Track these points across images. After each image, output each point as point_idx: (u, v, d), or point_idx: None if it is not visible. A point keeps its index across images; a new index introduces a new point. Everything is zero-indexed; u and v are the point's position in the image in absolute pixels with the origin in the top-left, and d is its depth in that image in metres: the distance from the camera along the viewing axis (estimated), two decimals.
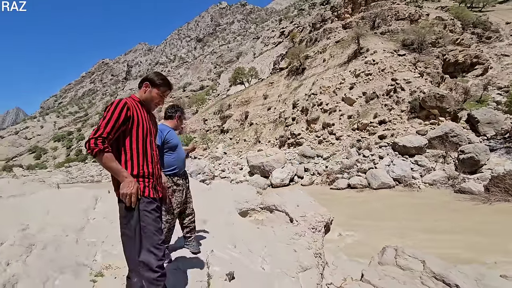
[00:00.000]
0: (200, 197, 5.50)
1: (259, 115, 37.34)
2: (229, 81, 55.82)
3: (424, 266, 3.60)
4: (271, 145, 31.93)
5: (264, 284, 2.56)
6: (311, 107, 29.48)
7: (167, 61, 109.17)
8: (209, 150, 39.49)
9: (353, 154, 21.24)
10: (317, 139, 26.85)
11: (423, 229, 8.01)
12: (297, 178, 21.75)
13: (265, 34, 76.23)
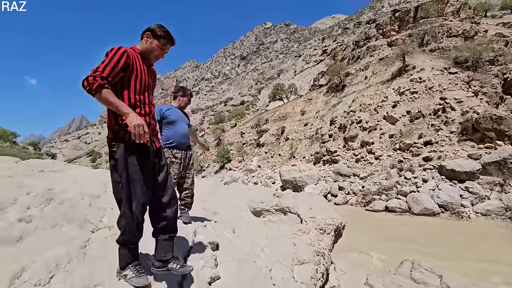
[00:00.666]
0: (217, 195, 5.72)
1: (296, 131, 37.24)
2: (269, 97, 56.96)
3: (440, 281, 3.29)
4: (306, 161, 31.44)
5: (249, 258, 2.61)
6: (349, 124, 28.61)
7: (211, 77, 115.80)
8: (244, 162, 40.16)
9: (393, 175, 19.91)
10: (354, 158, 25.78)
11: (472, 259, 7.14)
12: (331, 196, 20.96)
13: (307, 52, 76.94)
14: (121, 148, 1.65)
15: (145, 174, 1.71)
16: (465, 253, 7.55)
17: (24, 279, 1.45)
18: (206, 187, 6.82)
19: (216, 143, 49.28)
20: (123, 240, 1.74)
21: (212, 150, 47.66)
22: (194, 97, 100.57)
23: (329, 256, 4.12)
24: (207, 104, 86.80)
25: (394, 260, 6.88)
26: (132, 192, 1.67)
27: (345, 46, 54.24)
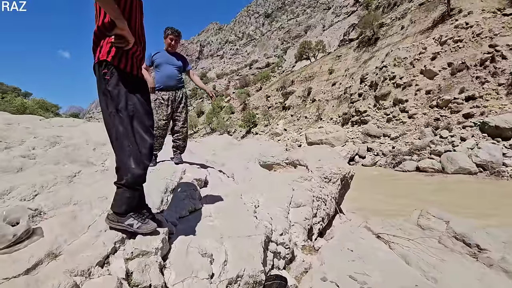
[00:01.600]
0: (229, 150, 5.80)
1: (323, 91, 35.65)
2: (295, 57, 54.21)
3: (446, 227, 3.13)
4: (333, 122, 30.45)
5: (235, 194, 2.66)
6: (381, 81, 26.59)
7: (235, 39, 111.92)
8: (269, 126, 40.04)
9: (427, 135, 18.65)
10: (385, 117, 24.36)
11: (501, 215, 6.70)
12: (358, 158, 20.48)
13: (337, 4, 70.06)
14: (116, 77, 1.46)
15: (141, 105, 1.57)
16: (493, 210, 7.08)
17: (12, 195, 1.64)
18: (220, 143, 6.96)
19: (242, 108, 49.22)
20: (133, 181, 1.49)
21: (238, 115, 47.90)
22: (218, 61, 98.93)
23: (333, 203, 4.10)
24: (231, 68, 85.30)
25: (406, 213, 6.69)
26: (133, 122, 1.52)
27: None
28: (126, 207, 1.49)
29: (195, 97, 74.15)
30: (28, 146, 2.55)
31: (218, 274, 1.43)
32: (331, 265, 2.38)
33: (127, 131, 1.48)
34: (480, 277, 2.35)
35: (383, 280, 2.20)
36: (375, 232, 3.14)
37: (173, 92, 3.01)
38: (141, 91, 1.61)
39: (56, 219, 1.41)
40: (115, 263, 1.16)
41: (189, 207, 2.16)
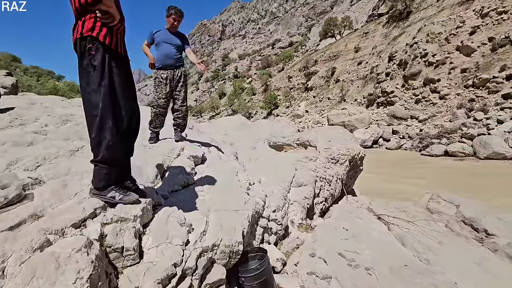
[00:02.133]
0: (241, 130, 5.82)
1: (347, 71, 34.07)
2: (319, 35, 51.78)
3: (456, 211, 2.98)
4: (357, 104, 29.25)
5: (231, 172, 2.70)
6: (411, 59, 24.82)
7: (258, 18, 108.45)
8: (291, 108, 39.39)
9: (460, 117, 17.39)
10: (414, 98, 22.94)
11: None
12: (382, 141, 19.73)
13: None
14: (100, 52, 1.43)
15: (125, 82, 1.58)
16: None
17: (17, 166, 1.82)
18: (233, 124, 7.01)
19: (263, 89, 48.62)
20: (108, 156, 1.50)
21: (259, 97, 47.47)
22: (240, 42, 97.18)
23: (338, 184, 4.05)
24: (254, 48, 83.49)
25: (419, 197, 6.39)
26: (114, 99, 1.50)
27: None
28: (104, 183, 1.53)
29: (217, 79, 74.26)
30: (41, 123, 2.76)
31: (194, 242, 1.52)
32: (323, 242, 2.40)
33: (108, 108, 1.46)
34: (479, 261, 2.25)
35: (373, 259, 2.18)
36: (376, 213, 3.08)
37: (171, 71, 3.05)
38: (124, 70, 1.60)
39: (48, 186, 1.55)
40: (91, 226, 1.27)
41: (182, 182, 2.25)
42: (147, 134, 3.13)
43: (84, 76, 1.46)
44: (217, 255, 1.58)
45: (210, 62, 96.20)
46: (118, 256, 1.27)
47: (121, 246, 1.27)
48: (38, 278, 0.92)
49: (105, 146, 1.48)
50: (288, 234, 2.62)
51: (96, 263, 1.06)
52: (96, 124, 1.47)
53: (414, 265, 2.10)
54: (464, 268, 2.13)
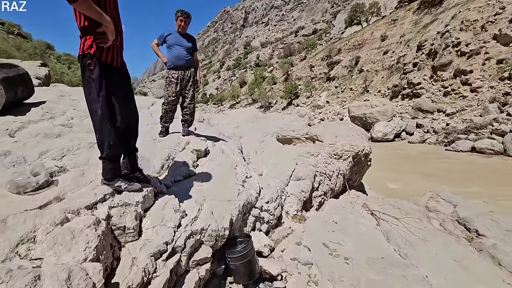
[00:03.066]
0: (252, 123, 6.04)
1: (372, 61, 32.76)
2: (345, 22, 49.77)
3: (453, 210, 3.05)
4: (381, 95, 28.23)
5: (230, 165, 2.95)
6: (442, 49, 23.39)
7: (281, 4, 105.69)
8: (312, 98, 38.76)
9: (491, 111, 16.39)
10: (443, 90, 21.78)
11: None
12: (405, 135, 19.08)
13: None
14: (97, 67, 1.66)
15: (120, 92, 1.81)
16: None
17: (46, 156, 2.19)
18: (245, 116, 7.25)
19: (284, 78, 48.03)
20: (111, 154, 1.78)
21: (280, 86, 47.00)
22: (263, 29, 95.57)
23: (339, 179, 4.19)
24: (276, 36, 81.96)
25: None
26: (110, 107, 1.74)
27: None
28: (111, 175, 1.83)
29: (239, 67, 74.19)
30: (68, 117, 3.17)
31: (185, 226, 1.80)
32: (310, 233, 2.62)
33: (106, 114, 1.71)
34: (460, 259, 2.37)
35: (354, 250, 2.37)
36: (370, 209, 3.22)
37: (182, 72, 3.30)
38: (120, 80, 1.84)
39: (70, 174, 1.89)
40: (100, 209, 1.59)
41: (184, 173, 2.55)
42: (158, 129, 3.46)
43: (86, 87, 1.72)
44: (205, 237, 1.86)
45: (232, 50, 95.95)
46: (121, 233, 1.58)
47: (124, 226, 1.58)
48: (58, 245, 1.24)
49: (107, 146, 1.75)
50: (281, 223, 2.86)
51: (101, 237, 1.37)
52: (97, 128, 1.75)
53: (390, 258, 2.27)
54: (440, 264, 2.27)
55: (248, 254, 1.97)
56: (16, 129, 2.60)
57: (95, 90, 1.67)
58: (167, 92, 3.37)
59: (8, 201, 1.46)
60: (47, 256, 1.18)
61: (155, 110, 4.34)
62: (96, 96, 1.68)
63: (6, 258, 1.10)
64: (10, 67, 3.34)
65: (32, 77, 3.72)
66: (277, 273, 2.06)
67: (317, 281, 2.09)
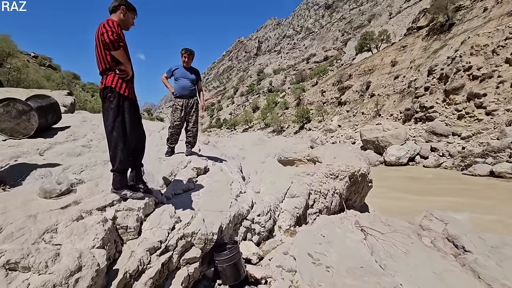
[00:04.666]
0: (257, 145, 6.38)
1: (383, 85, 33.10)
2: (355, 49, 51.14)
3: (443, 229, 3.15)
4: (393, 119, 28.17)
5: (226, 181, 3.23)
6: (453, 73, 23.48)
7: (293, 34, 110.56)
8: (323, 122, 39.09)
9: (509, 134, 16.02)
10: (456, 114, 21.58)
11: None
12: (419, 158, 18.76)
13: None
14: (116, 98, 2.07)
15: (133, 118, 2.21)
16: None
17: (68, 170, 2.60)
18: (251, 139, 7.64)
19: (296, 103, 48.98)
20: (121, 168, 2.17)
21: (292, 111, 47.86)
22: (276, 57, 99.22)
23: (335, 197, 4.37)
24: (288, 63, 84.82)
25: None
26: (125, 130, 2.15)
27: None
28: (119, 185, 2.21)
29: (252, 93, 76.49)
30: (88, 139, 3.66)
31: (178, 229, 2.10)
32: (298, 244, 2.82)
33: (119, 136, 2.12)
34: (439, 272, 2.48)
35: (336, 260, 2.55)
36: (360, 225, 3.37)
37: (186, 100, 3.78)
38: (132, 109, 2.26)
39: (86, 185, 2.29)
40: (108, 211, 1.93)
41: (184, 187, 2.89)
42: (164, 150, 3.88)
43: (105, 114, 2.16)
44: (195, 240, 2.15)
45: (245, 77, 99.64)
46: (123, 232, 1.91)
47: (126, 225, 1.91)
48: (74, 235, 1.59)
49: (118, 161, 2.15)
50: (272, 236, 3.08)
51: (107, 231, 1.71)
52: (112, 147, 2.16)
53: (369, 268, 2.43)
54: (417, 275, 2.40)
55: (234, 258, 2.22)
56: (45, 149, 3.08)
57: (112, 116, 2.10)
58: (173, 118, 3.82)
59: (37, 203, 1.84)
60: (65, 243, 1.53)
61: (164, 133, 4.80)
62: (112, 121, 2.10)
63: (35, 241, 1.45)
64: (43, 97, 3.96)
65: (59, 105, 4.32)
66: (261, 277, 2.28)
67: (298, 286, 2.28)
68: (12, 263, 1.25)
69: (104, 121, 2.16)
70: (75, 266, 1.34)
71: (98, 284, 1.43)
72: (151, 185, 2.72)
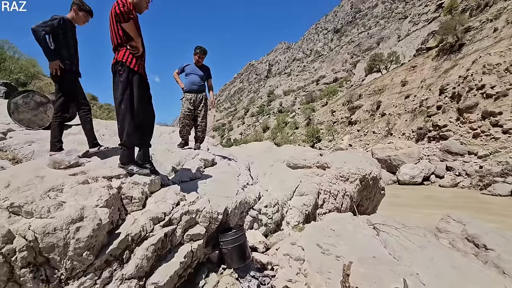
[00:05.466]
0: (267, 152, 6.35)
1: (394, 105, 32.94)
2: (365, 70, 51.74)
3: (462, 230, 2.95)
4: (405, 138, 27.70)
5: (233, 174, 3.17)
6: (466, 92, 23.23)
7: (303, 57, 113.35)
8: (334, 141, 38.81)
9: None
10: (472, 132, 21.06)
11: None
12: (435, 177, 18.16)
13: (415, 12, 64.52)
14: (126, 72, 2.15)
15: (142, 92, 2.27)
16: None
17: (79, 154, 2.65)
18: (260, 147, 7.62)
19: (306, 123, 49.12)
20: (128, 142, 2.19)
21: (302, 131, 47.89)
22: (286, 79, 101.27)
23: (346, 200, 4.21)
24: (298, 85, 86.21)
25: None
26: (133, 103, 2.19)
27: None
28: (126, 160, 2.22)
29: (262, 114, 77.44)
30: (100, 134, 3.76)
31: (183, 205, 2.06)
32: (306, 236, 2.70)
33: (127, 109, 2.17)
34: (458, 265, 2.29)
35: (347, 251, 2.41)
36: (371, 223, 3.22)
37: (195, 94, 3.88)
38: (141, 84, 2.30)
39: (94, 162, 2.32)
40: (114, 182, 1.93)
41: (191, 176, 2.87)
42: (174, 147, 3.92)
43: (115, 88, 2.23)
44: (200, 218, 2.09)
45: (256, 98, 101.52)
46: (128, 203, 1.89)
47: (131, 196, 1.89)
48: (78, 195, 1.58)
49: (125, 134, 2.18)
50: (280, 229, 2.96)
51: (112, 196, 1.70)
52: (120, 120, 2.21)
53: (382, 258, 2.28)
54: (435, 267, 2.23)
55: (239, 239, 2.13)
56: None
57: (121, 89, 2.17)
58: (183, 109, 3.92)
59: (46, 171, 1.86)
60: (69, 201, 1.52)
61: (174, 135, 4.88)
62: (121, 94, 2.17)
63: (41, 197, 1.45)
64: None
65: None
66: (267, 262, 2.17)
67: (307, 273, 2.16)
68: (16, 207, 1.25)
69: (113, 95, 2.23)
70: (77, 215, 1.32)
71: (99, 239, 1.39)
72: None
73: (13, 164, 2.26)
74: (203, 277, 2.01)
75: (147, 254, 1.59)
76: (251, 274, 2.11)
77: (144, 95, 2.35)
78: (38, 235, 1.21)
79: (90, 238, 1.34)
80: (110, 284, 1.40)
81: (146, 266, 1.58)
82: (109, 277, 1.42)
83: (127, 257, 1.54)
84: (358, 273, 2.05)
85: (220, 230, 2.27)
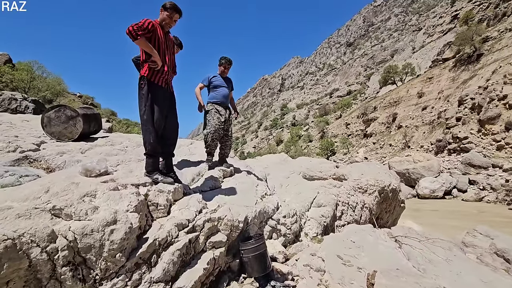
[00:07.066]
0: (282, 165, 6.36)
1: (410, 117, 32.26)
2: (379, 83, 51.30)
3: (490, 244, 2.82)
4: (424, 150, 26.87)
5: (251, 184, 3.19)
6: (486, 102, 22.51)
7: (316, 70, 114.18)
8: (349, 154, 38.17)
9: None
10: (495, 144, 20.26)
11: None
12: (457, 192, 17.39)
13: (430, 23, 64.04)
14: (146, 85, 2.32)
15: (161, 104, 2.38)
16: None
17: (109, 164, 2.80)
18: (275, 159, 7.65)
19: (320, 136, 48.75)
20: (152, 150, 2.33)
21: (316, 144, 47.50)
22: (299, 92, 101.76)
23: (365, 212, 4.13)
24: (312, 98, 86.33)
25: None
26: (153, 114, 2.33)
27: (486, 4, 41.91)
28: (151, 168, 2.35)
29: (275, 127, 77.69)
30: (124, 145, 3.93)
31: (205, 213, 2.12)
32: (326, 248, 2.67)
33: (149, 119, 2.32)
34: (489, 280, 2.19)
35: (369, 262, 2.36)
36: (393, 236, 3.13)
37: (226, 109, 3.77)
38: (163, 96, 2.44)
39: (121, 171, 2.44)
40: (141, 189, 2.03)
41: (210, 185, 2.94)
42: (192, 158, 3.97)
43: (139, 100, 2.39)
44: (222, 226, 2.14)
45: (269, 111, 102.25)
46: (154, 209, 1.97)
47: (157, 203, 1.98)
48: (110, 200, 1.68)
49: (148, 143, 2.32)
50: (298, 240, 2.95)
51: (140, 202, 1.79)
52: (143, 130, 2.36)
53: (406, 270, 2.21)
54: (463, 281, 2.14)
55: (260, 248, 2.15)
56: (86, 149, 3.36)
57: (143, 101, 2.33)
58: (214, 121, 3.62)
59: (79, 178, 2.00)
60: (102, 205, 1.62)
61: (193, 147, 5.02)
62: (143, 106, 2.33)
63: (78, 201, 1.56)
64: (88, 108, 4.41)
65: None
66: (288, 271, 2.16)
67: (328, 284, 2.13)
68: (57, 209, 1.35)
69: (139, 108, 2.38)
70: (111, 218, 1.42)
71: (130, 242, 1.47)
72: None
73: (47, 172, 2.43)
74: (224, 286, 2.04)
75: (173, 259, 1.65)
76: (272, 284, 2.10)
77: (163, 105, 2.45)
78: (77, 235, 1.31)
79: (123, 241, 1.42)
80: (139, 287, 1.46)
81: (172, 270, 1.63)
82: (138, 279, 1.48)
83: (154, 261, 1.61)
84: (381, 285, 2.00)
85: (240, 239, 2.31)
